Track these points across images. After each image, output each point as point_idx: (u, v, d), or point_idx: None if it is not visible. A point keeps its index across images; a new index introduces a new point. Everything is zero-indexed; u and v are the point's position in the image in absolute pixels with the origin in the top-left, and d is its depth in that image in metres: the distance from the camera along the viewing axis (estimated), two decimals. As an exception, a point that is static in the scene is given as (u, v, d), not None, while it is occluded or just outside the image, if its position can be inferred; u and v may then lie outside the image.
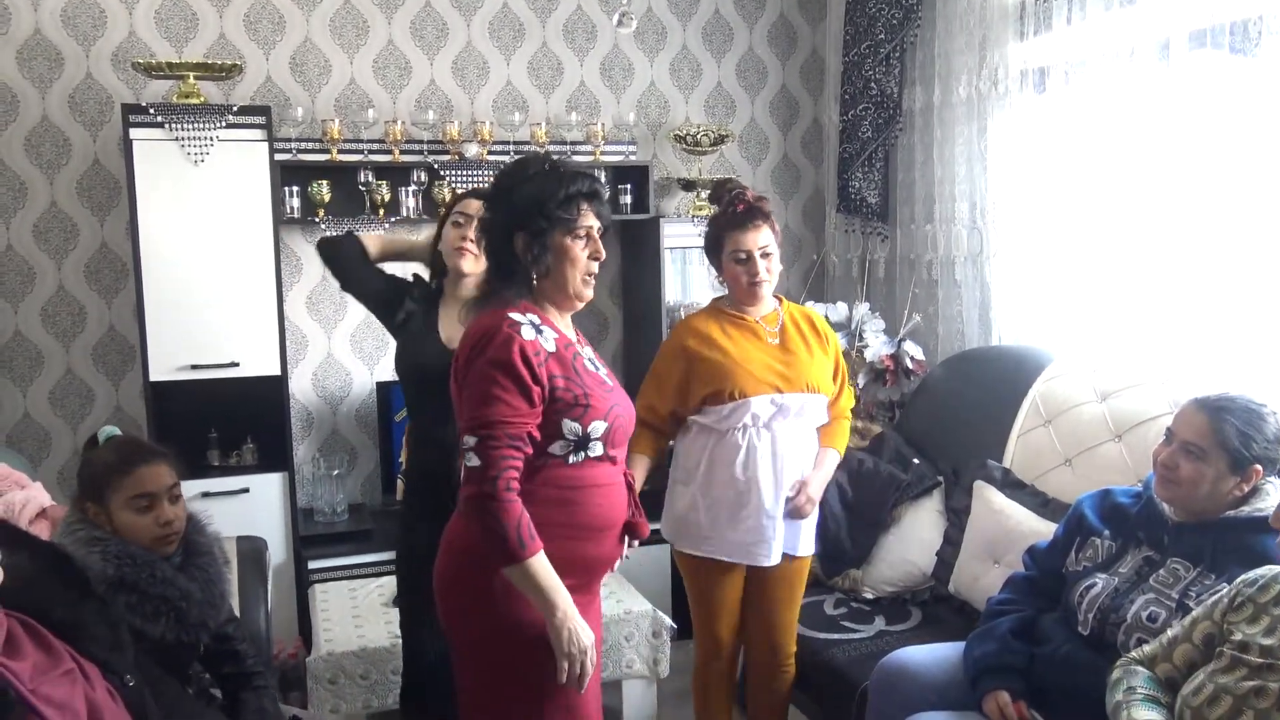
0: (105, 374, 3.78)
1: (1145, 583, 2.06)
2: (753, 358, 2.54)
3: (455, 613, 1.97)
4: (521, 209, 1.90)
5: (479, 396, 1.82)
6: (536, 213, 1.90)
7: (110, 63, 3.65)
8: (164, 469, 2.05)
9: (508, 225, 1.92)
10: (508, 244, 1.92)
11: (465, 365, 1.86)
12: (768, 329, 2.60)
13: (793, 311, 2.67)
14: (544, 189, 1.90)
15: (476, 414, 1.81)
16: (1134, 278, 3.08)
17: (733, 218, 2.54)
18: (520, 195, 1.91)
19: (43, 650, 1.51)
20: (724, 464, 2.55)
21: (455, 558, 1.95)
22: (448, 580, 1.97)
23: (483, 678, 1.95)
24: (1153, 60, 2.85)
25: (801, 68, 4.52)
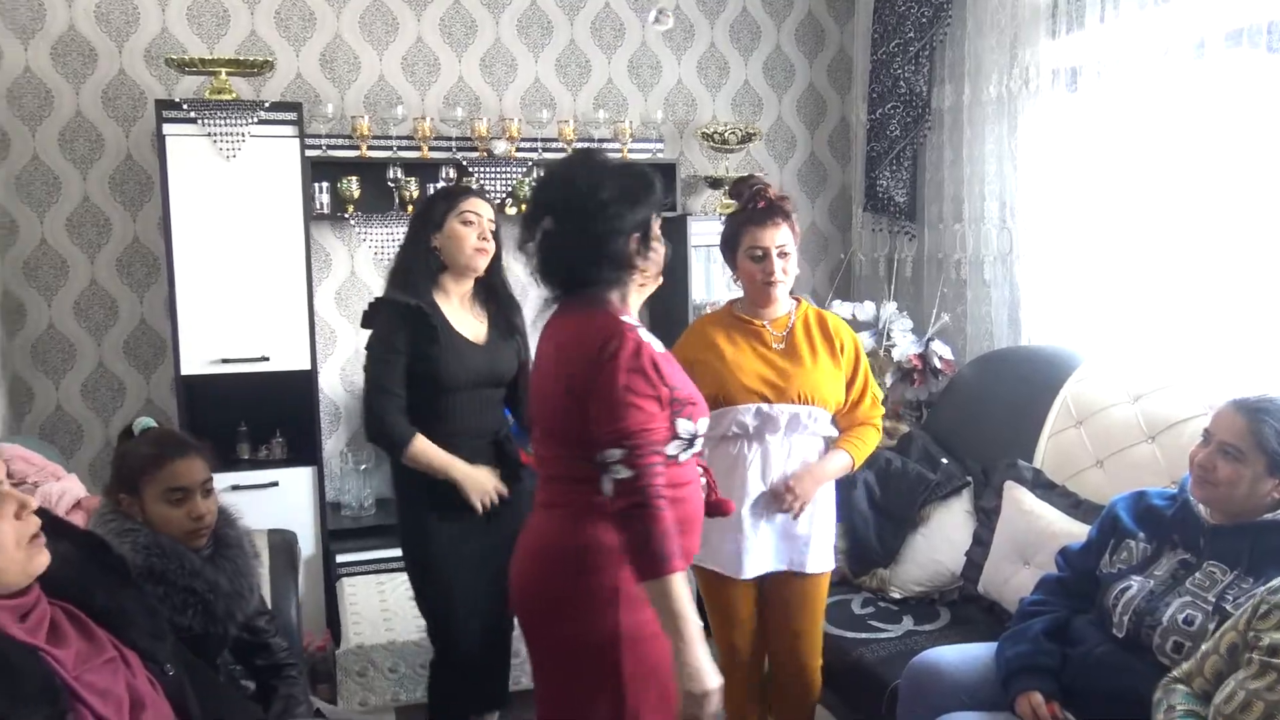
0: (136, 367, 3.82)
1: (1181, 585, 2.05)
2: (746, 365, 2.47)
3: (545, 620, 1.93)
4: (639, 219, 1.89)
5: (618, 406, 1.78)
6: (646, 221, 1.91)
7: (143, 59, 3.68)
8: (198, 463, 2.06)
9: (625, 230, 1.88)
10: (624, 249, 1.89)
11: (586, 371, 1.82)
12: (774, 334, 2.51)
13: (808, 315, 2.56)
14: (642, 193, 1.90)
15: (619, 425, 1.78)
16: (1165, 278, 3.07)
17: (752, 214, 2.47)
18: (639, 202, 1.89)
19: (85, 638, 1.53)
20: (717, 473, 2.45)
21: (551, 564, 1.91)
22: (542, 587, 1.93)
23: (569, 687, 1.91)
24: (1188, 59, 2.82)
25: (829, 66, 4.51)
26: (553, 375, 1.90)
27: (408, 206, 3.78)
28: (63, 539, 1.61)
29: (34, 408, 3.72)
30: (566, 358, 1.87)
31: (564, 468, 1.91)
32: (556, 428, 1.91)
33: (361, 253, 3.96)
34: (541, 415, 1.96)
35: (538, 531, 1.96)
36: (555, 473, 1.93)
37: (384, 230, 3.80)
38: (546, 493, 1.96)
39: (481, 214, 2.50)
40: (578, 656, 1.89)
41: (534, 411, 2.00)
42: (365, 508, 3.87)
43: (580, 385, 1.83)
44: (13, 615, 1.43)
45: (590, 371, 1.82)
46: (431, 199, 2.58)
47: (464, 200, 2.50)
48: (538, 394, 1.98)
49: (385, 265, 3.92)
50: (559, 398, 1.88)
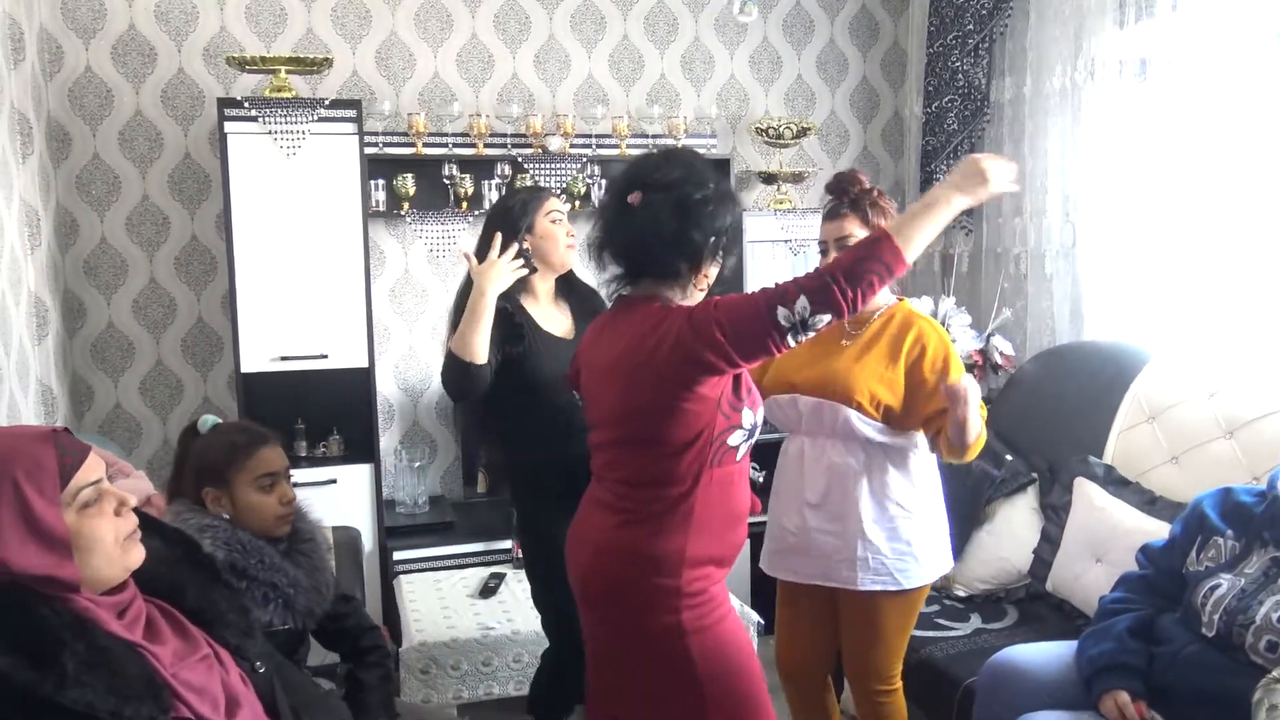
0: (194, 365, 3.84)
1: (1274, 584, 2.00)
2: (796, 355, 2.16)
3: (625, 615, 1.92)
4: (732, 222, 1.91)
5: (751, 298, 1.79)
6: (736, 229, 1.93)
7: (201, 58, 3.70)
8: (280, 450, 2.10)
9: (719, 230, 1.88)
10: (702, 250, 1.87)
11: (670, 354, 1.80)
12: (850, 330, 2.37)
13: (895, 315, 2.36)
14: (739, 210, 1.95)
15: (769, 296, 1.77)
16: (1234, 272, 3.00)
17: (827, 209, 2.43)
18: (732, 207, 1.91)
19: (180, 636, 1.53)
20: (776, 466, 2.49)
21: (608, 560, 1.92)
22: (603, 582, 1.94)
23: (673, 678, 1.90)
24: (1265, 48, 2.77)
25: (883, 60, 4.46)
26: (625, 375, 1.87)
27: (463, 203, 3.78)
28: (155, 536, 1.61)
29: (94, 406, 3.75)
30: (643, 358, 1.84)
31: (634, 471, 1.89)
32: (633, 433, 1.88)
33: (415, 250, 3.96)
34: (613, 420, 1.92)
35: (599, 529, 1.94)
36: (629, 476, 1.91)
37: (439, 227, 3.80)
38: (617, 496, 1.93)
39: (563, 211, 2.52)
40: (647, 647, 1.90)
41: (601, 416, 1.96)
42: (419, 505, 3.87)
43: (658, 378, 1.81)
44: (111, 611, 1.43)
45: (667, 358, 1.80)
46: (510, 201, 2.53)
47: (546, 199, 2.50)
48: (604, 398, 1.94)
49: (440, 262, 3.95)
50: (633, 398, 1.86)
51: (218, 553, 1.90)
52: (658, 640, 1.88)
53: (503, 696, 3.04)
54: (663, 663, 1.89)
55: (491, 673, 3.02)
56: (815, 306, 1.74)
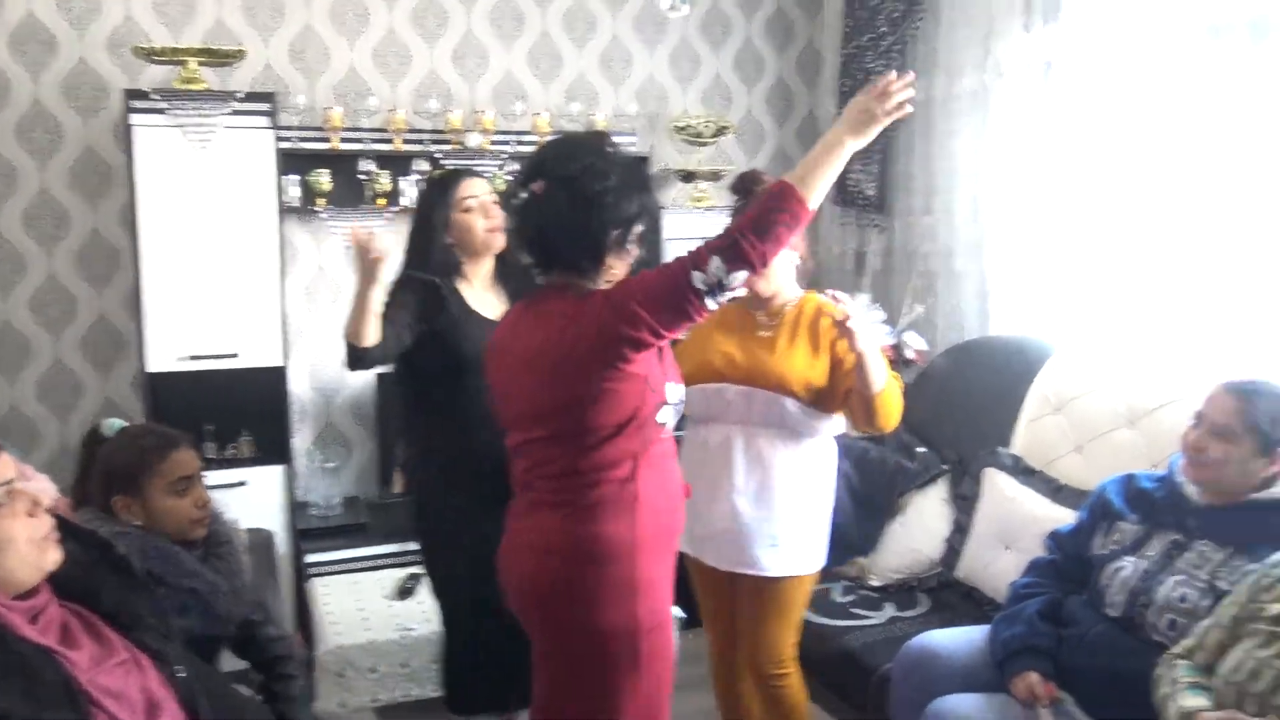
0: (95, 365, 3.71)
1: (1173, 565, 2.10)
2: (718, 346, 2.40)
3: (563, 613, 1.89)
4: (631, 209, 1.84)
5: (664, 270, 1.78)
6: (637, 215, 1.86)
7: (105, 48, 3.58)
8: (193, 452, 2.05)
9: (616, 221, 1.83)
10: (603, 240, 1.83)
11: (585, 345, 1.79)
12: (766, 321, 2.44)
13: (805, 306, 2.44)
14: (643, 192, 1.87)
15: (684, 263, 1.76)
16: (1136, 268, 3.13)
17: (735, 208, 2.44)
18: (629, 194, 1.83)
19: (97, 641, 1.49)
20: (692, 454, 2.46)
21: (566, 559, 1.87)
22: (557, 581, 1.88)
23: (589, 676, 1.90)
24: (1165, 50, 2.89)
25: (798, 60, 4.54)
26: (546, 369, 1.85)
27: (379, 200, 3.73)
28: (69, 539, 1.56)
29: (-11, 407, 3.60)
30: (565, 348, 1.82)
31: (569, 462, 1.87)
32: (561, 425, 1.86)
33: (330, 247, 3.89)
34: (535, 416, 1.89)
35: (544, 529, 1.90)
36: (558, 470, 1.88)
37: (355, 223, 3.74)
38: (547, 491, 1.90)
39: (478, 194, 2.48)
40: (600, 646, 1.87)
41: (515, 411, 1.94)
42: (333, 506, 3.81)
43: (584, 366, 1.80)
44: (24, 617, 1.39)
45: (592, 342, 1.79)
46: (426, 194, 2.54)
47: (456, 189, 2.47)
48: (520, 393, 1.92)
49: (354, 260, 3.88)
50: (558, 391, 1.84)
51: (132, 560, 1.84)
52: (610, 638, 1.86)
53: (421, 698, 3.00)
54: (609, 661, 1.87)
55: (410, 674, 2.98)
56: (730, 265, 1.75)
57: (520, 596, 1.97)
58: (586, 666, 1.89)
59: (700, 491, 2.42)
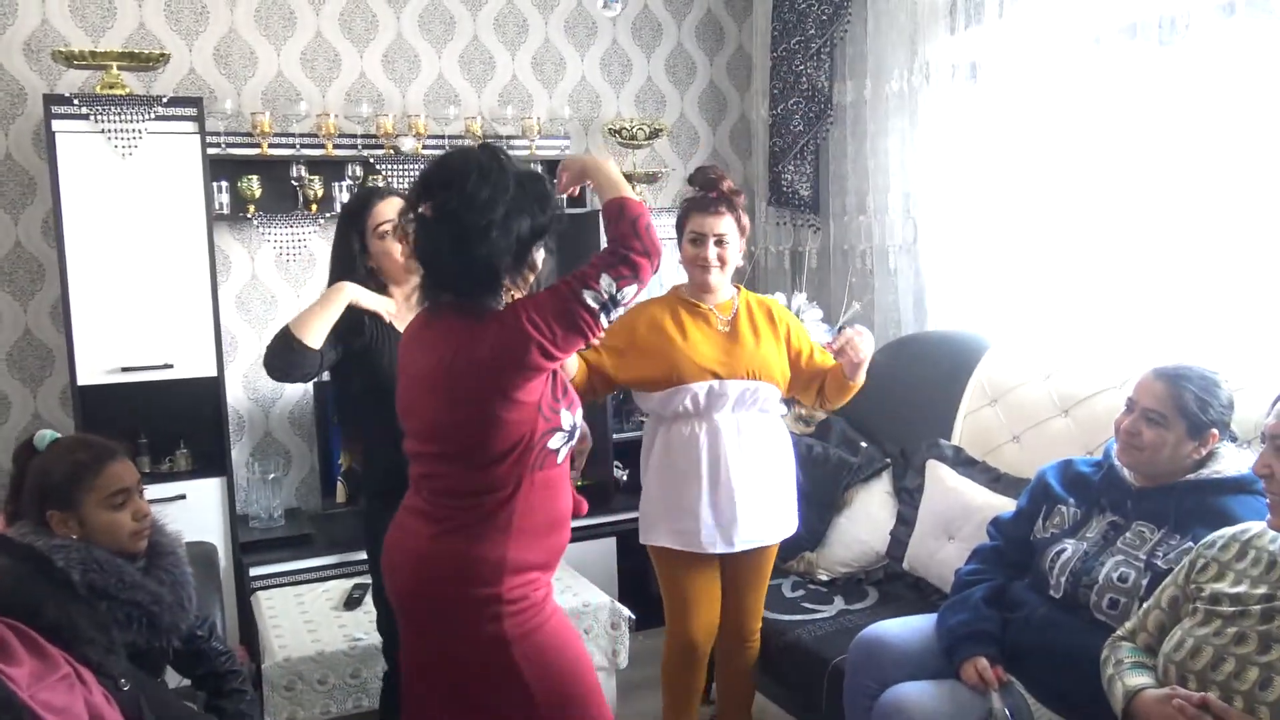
0: (22, 380, 3.59)
1: (1113, 546, 2.15)
2: (697, 345, 2.56)
3: (431, 623, 1.89)
4: (517, 242, 1.79)
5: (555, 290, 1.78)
6: (529, 241, 1.81)
7: (21, 52, 3.47)
8: (130, 463, 2.00)
9: (499, 254, 1.78)
10: (495, 271, 1.80)
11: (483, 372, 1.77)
12: (720, 317, 2.61)
13: (749, 300, 2.68)
14: (534, 218, 1.80)
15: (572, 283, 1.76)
16: (1065, 261, 3.22)
17: (699, 200, 2.59)
18: (514, 226, 1.78)
19: (38, 656, 1.45)
20: (670, 451, 2.60)
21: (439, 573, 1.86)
22: (427, 593, 1.88)
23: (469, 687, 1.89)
24: (1084, 51, 2.98)
25: (729, 63, 4.58)
26: (441, 388, 1.83)
27: (312, 205, 3.67)
28: (2, 554, 1.51)
29: (-93, 427, 3.47)
30: (458, 371, 1.79)
31: (454, 482, 1.85)
32: (451, 446, 1.84)
33: (263, 254, 3.82)
34: (429, 433, 1.87)
35: (418, 538, 1.89)
36: (448, 488, 1.86)
37: (287, 230, 3.68)
38: (434, 505, 1.88)
39: (392, 216, 2.35)
40: (470, 656, 1.86)
41: (412, 425, 1.92)
42: (275, 518, 3.74)
43: (477, 389, 1.77)
44: (-41, 634, 1.34)
45: (487, 365, 1.76)
46: (341, 221, 2.47)
47: (369, 214, 2.39)
48: (418, 408, 1.89)
49: (289, 267, 3.82)
50: (451, 412, 1.82)
51: (73, 573, 1.79)
52: (482, 652, 1.85)
53: (372, 709, 2.95)
54: (489, 674, 1.86)
55: (360, 685, 2.93)
56: (621, 280, 1.77)
57: (397, 600, 1.96)
58: (473, 680, 1.88)
59: (700, 482, 2.56)
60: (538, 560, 1.88)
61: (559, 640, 1.90)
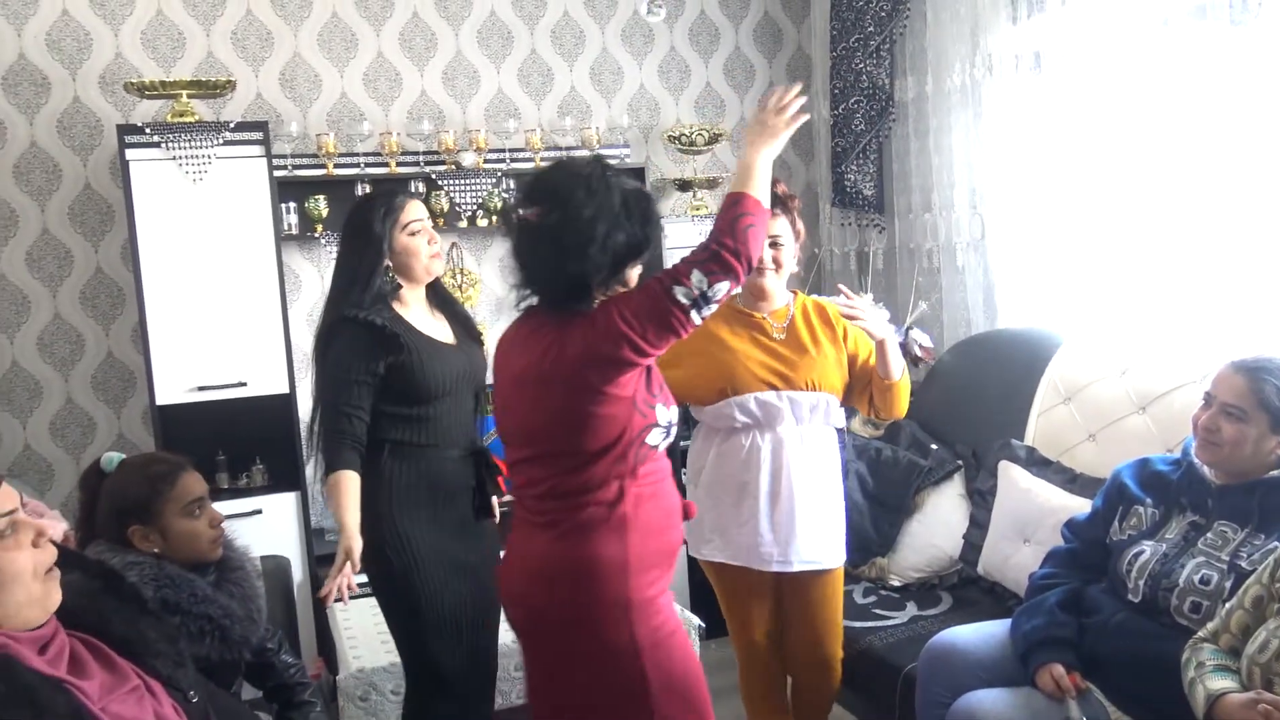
0: (106, 401, 3.72)
1: (1194, 547, 2.07)
2: (751, 355, 2.49)
3: (558, 635, 1.89)
4: (614, 260, 1.81)
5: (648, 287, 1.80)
6: (626, 259, 1.84)
7: (98, 85, 3.60)
8: (198, 474, 2.08)
9: (595, 271, 1.80)
10: (589, 284, 1.82)
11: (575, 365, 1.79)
12: (775, 325, 2.53)
13: (805, 305, 2.59)
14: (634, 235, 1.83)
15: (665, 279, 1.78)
16: (1138, 253, 3.12)
17: None
18: (614, 244, 1.80)
19: (108, 669, 1.48)
20: (725, 464, 2.50)
21: (559, 581, 1.87)
22: (551, 603, 1.88)
23: (592, 699, 1.89)
24: (1152, 34, 2.89)
25: (788, 65, 4.54)
26: (532, 388, 1.85)
27: (378, 223, 3.73)
28: (74, 570, 1.56)
29: (1, 449, 3.60)
30: (549, 369, 1.81)
31: (557, 483, 1.86)
32: (548, 446, 1.86)
33: (330, 273, 3.87)
34: (525, 435, 1.89)
35: (535, 549, 1.89)
36: (546, 490, 1.88)
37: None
38: (537, 511, 1.90)
39: (423, 218, 2.39)
40: (598, 668, 1.86)
41: (512, 430, 1.93)
42: (349, 531, 3.79)
43: (569, 386, 1.79)
44: (32, 647, 1.38)
45: (578, 363, 1.79)
46: (365, 213, 2.39)
47: (402, 211, 2.37)
48: (517, 413, 1.91)
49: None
50: (545, 411, 1.84)
51: (145, 589, 1.84)
52: (611, 660, 1.85)
53: (445, 719, 2.98)
54: (614, 683, 1.85)
55: (403, 702, 2.96)
56: (712, 276, 1.76)
57: (515, 620, 1.97)
58: (590, 692, 1.88)
59: (758, 497, 2.47)
60: (657, 559, 1.89)
61: (684, 654, 1.91)
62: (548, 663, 1.94)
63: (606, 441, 1.80)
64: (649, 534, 1.86)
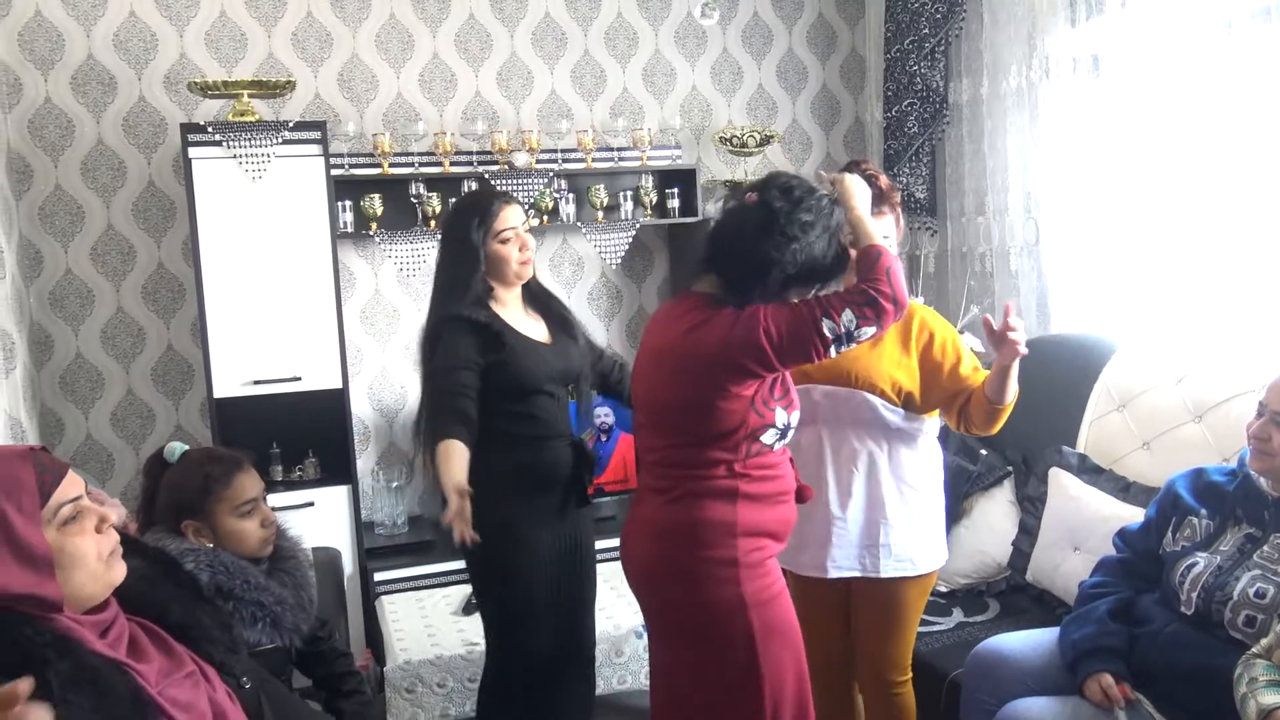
0: (165, 394, 3.81)
1: (1249, 559, 2.03)
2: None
3: (671, 591, 2.02)
4: (810, 268, 1.93)
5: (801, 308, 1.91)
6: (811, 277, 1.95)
7: (162, 85, 3.69)
8: (255, 473, 2.11)
9: (808, 275, 1.93)
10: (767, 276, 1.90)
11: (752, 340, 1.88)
12: None
13: None
14: (834, 261, 1.97)
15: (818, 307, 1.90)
16: (1196, 260, 3.06)
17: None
18: (818, 252, 1.93)
19: (165, 654, 1.52)
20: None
21: (672, 540, 2.00)
22: (665, 561, 2.01)
23: (700, 651, 2.01)
24: (1215, 38, 2.83)
25: (841, 67, 4.52)
26: (666, 365, 1.97)
27: (430, 222, 3.78)
28: (135, 555, 1.60)
29: (64, 438, 3.71)
30: (685, 352, 1.93)
31: (683, 456, 1.99)
32: (667, 420, 1.99)
33: (385, 270, 3.95)
34: (650, 404, 2.03)
35: (654, 514, 2.03)
36: (667, 459, 2.01)
37: (408, 246, 3.79)
38: (658, 478, 2.03)
39: (515, 224, 2.47)
40: (707, 621, 1.98)
41: (641, 397, 2.07)
42: (399, 525, 3.85)
43: (698, 374, 1.91)
44: (94, 630, 1.42)
45: (712, 355, 1.89)
46: (462, 216, 2.48)
47: (494, 219, 2.44)
48: (650, 385, 2.03)
49: (410, 282, 3.94)
50: (671, 389, 1.96)
51: (201, 576, 1.89)
52: (720, 612, 1.97)
53: (491, 713, 3.02)
54: (724, 634, 1.97)
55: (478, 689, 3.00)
56: (862, 319, 1.89)
57: (633, 578, 2.10)
58: (701, 643, 2.00)
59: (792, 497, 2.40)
60: (766, 527, 2.01)
61: (787, 611, 2.04)
62: (662, 617, 2.08)
63: (720, 431, 1.93)
64: (759, 505, 1.98)
